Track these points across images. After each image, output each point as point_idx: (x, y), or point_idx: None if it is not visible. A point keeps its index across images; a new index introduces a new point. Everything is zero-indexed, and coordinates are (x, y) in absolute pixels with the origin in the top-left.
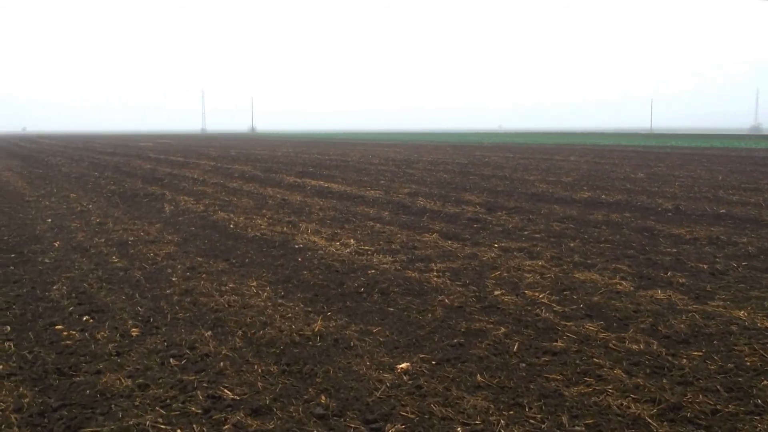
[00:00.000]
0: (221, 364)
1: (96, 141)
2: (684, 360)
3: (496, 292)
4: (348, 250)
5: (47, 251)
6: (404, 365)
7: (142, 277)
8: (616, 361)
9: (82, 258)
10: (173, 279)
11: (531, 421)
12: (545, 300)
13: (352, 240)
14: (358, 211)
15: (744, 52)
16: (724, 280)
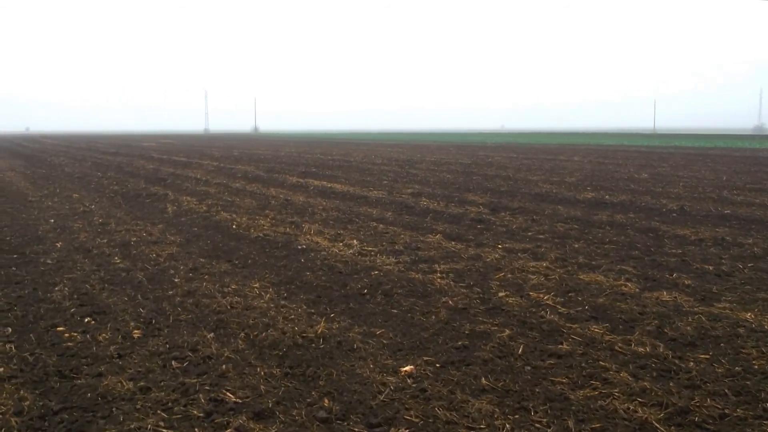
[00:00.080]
0: (223, 367)
1: (99, 141)
2: (691, 363)
3: (501, 294)
4: (351, 251)
5: (49, 252)
6: (408, 368)
7: (145, 278)
8: (623, 364)
9: (85, 259)
10: (175, 280)
11: (537, 426)
12: (550, 302)
13: (355, 241)
14: (361, 212)
15: (744, 52)
16: (730, 282)
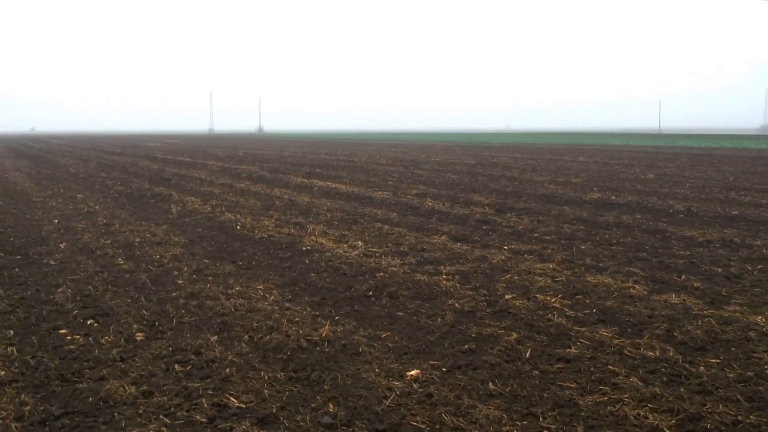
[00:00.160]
0: (227, 371)
1: (104, 141)
2: (702, 368)
3: (507, 296)
4: (356, 253)
5: (53, 253)
6: (414, 372)
7: (148, 280)
8: (632, 369)
9: (88, 260)
10: (179, 282)
11: None
12: (557, 304)
13: (360, 242)
14: (366, 213)
15: (744, 52)
16: (740, 284)
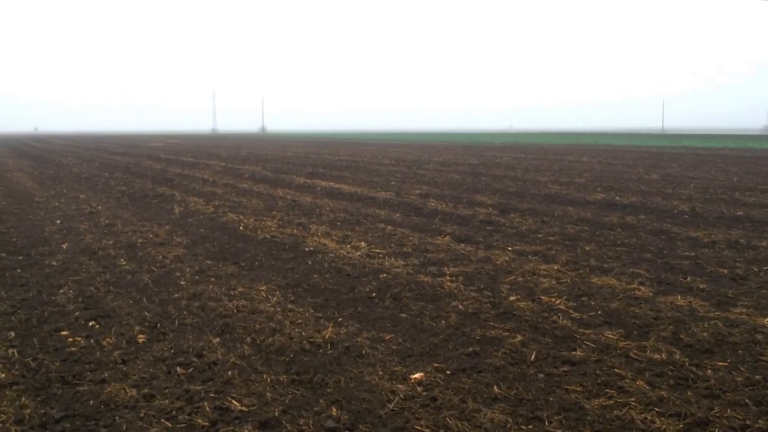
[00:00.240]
0: (229, 373)
1: (107, 141)
2: (709, 371)
3: (511, 298)
4: (359, 253)
5: (55, 253)
6: (418, 375)
7: (150, 281)
8: (638, 372)
9: (90, 261)
10: (181, 283)
11: None
12: (562, 306)
13: (363, 243)
14: (369, 213)
15: (744, 52)
16: (746, 286)
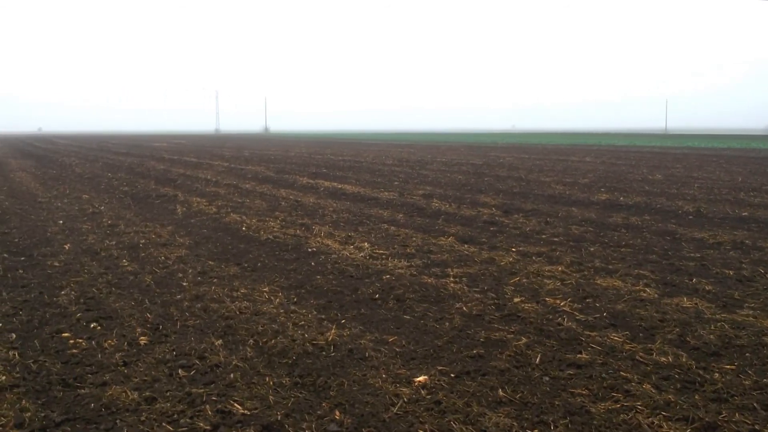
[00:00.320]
0: (231, 376)
1: (110, 141)
2: (716, 374)
3: (516, 300)
4: (362, 254)
5: (57, 254)
6: (422, 378)
7: (153, 282)
8: (645, 375)
9: (92, 261)
10: (184, 284)
11: None
12: (567, 308)
13: (366, 243)
14: (372, 214)
15: (744, 52)
16: (752, 288)
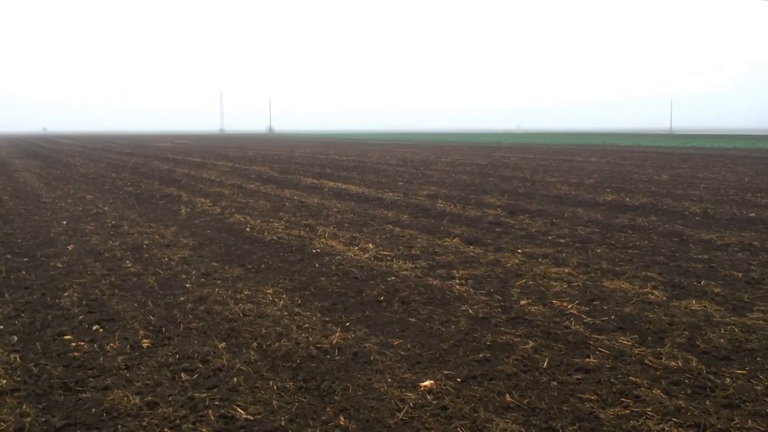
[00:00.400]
0: (234, 380)
1: (114, 141)
2: (727, 379)
3: (522, 302)
4: (367, 256)
5: (60, 255)
6: (428, 383)
7: (156, 284)
8: (654, 380)
9: (96, 262)
10: (187, 285)
11: None
12: (574, 311)
13: (371, 245)
14: (377, 214)
15: (744, 52)
16: (762, 290)
